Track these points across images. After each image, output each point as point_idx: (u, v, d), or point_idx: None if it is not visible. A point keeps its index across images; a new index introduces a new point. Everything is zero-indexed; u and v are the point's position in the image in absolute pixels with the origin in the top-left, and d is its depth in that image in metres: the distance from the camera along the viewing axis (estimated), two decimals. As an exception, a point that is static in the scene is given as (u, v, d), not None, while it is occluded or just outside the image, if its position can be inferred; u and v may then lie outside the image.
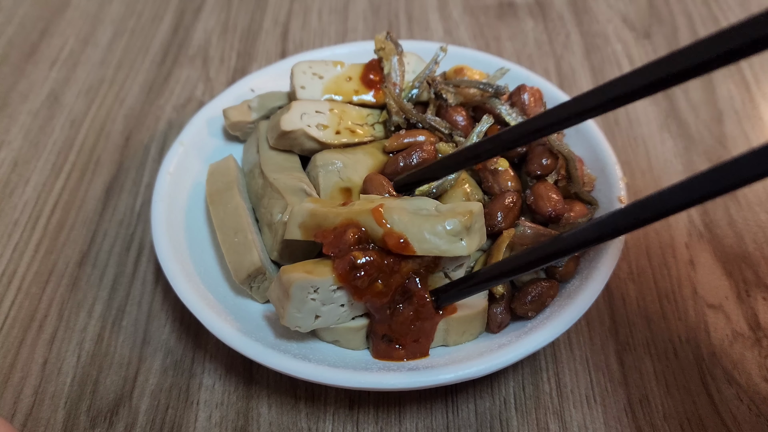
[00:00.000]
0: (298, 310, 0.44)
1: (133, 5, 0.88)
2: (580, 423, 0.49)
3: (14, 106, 0.74)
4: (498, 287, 0.48)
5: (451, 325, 0.48)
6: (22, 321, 0.55)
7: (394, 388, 0.44)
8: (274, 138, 0.56)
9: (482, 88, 0.56)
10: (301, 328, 0.45)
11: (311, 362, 0.45)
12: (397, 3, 0.89)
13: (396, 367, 0.46)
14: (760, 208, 0.63)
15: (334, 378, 0.44)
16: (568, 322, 0.45)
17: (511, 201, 0.51)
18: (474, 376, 0.44)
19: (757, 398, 0.50)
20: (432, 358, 0.47)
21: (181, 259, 0.51)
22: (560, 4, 0.88)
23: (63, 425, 0.49)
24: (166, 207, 0.54)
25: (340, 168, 0.54)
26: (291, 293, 0.43)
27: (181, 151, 0.59)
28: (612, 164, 0.55)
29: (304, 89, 0.59)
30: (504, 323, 0.49)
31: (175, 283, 0.49)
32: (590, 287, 0.47)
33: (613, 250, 0.49)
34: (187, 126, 0.61)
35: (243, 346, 0.45)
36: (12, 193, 0.65)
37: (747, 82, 0.76)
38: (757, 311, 0.55)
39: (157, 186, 0.56)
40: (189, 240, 0.54)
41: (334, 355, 0.47)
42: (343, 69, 0.60)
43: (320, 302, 0.44)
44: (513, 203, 0.51)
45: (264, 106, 0.61)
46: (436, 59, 0.58)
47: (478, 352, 0.46)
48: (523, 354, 0.44)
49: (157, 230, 0.52)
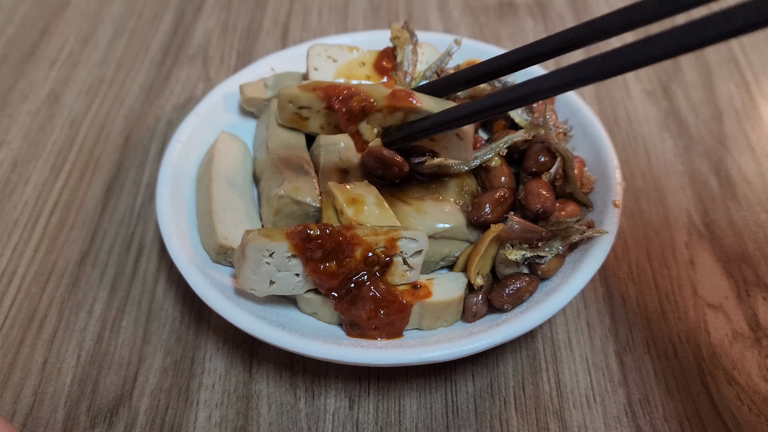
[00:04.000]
0: (253, 271, 0.46)
1: (133, 5, 0.88)
2: (580, 423, 0.49)
3: (14, 106, 0.74)
4: (477, 279, 0.49)
5: (425, 310, 0.49)
6: (21, 321, 0.55)
7: (359, 362, 0.45)
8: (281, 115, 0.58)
9: (490, 83, 0.56)
10: (257, 291, 0.47)
11: (284, 330, 0.46)
12: (397, 3, 0.89)
13: (366, 344, 0.47)
14: (760, 208, 0.63)
15: (303, 347, 0.45)
16: (541, 317, 0.46)
17: (501, 195, 0.52)
18: (440, 359, 0.45)
19: (757, 398, 0.50)
20: (404, 339, 0.48)
21: (178, 223, 0.53)
22: (560, 3, 0.88)
23: (63, 425, 0.49)
24: (173, 173, 0.56)
25: (342, 149, 0.56)
26: (246, 254, 0.45)
27: (196, 121, 0.60)
28: (613, 168, 0.55)
29: (317, 71, 0.60)
30: (480, 314, 0.50)
31: (169, 243, 0.51)
32: (569, 286, 0.48)
33: (599, 251, 0.49)
34: (204, 98, 0.63)
35: (220, 306, 0.47)
36: (12, 193, 0.65)
37: (747, 81, 0.76)
38: (757, 311, 0.55)
39: (167, 153, 0.57)
40: (191, 208, 0.56)
41: (310, 327, 0.49)
42: (358, 54, 0.61)
43: (275, 267, 0.46)
44: (503, 197, 0.51)
45: (279, 84, 0.62)
46: (450, 51, 0.59)
47: (447, 338, 0.47)
48: (490, 344, 0.45)
49: (161, 193, 0.54)
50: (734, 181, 0.66)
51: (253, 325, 0.46)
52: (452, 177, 0.54)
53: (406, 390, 0.51)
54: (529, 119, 0.55)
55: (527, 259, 0.49)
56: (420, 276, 0.50)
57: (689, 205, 0.64)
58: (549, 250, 0.49)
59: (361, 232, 0.46)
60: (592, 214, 0.53)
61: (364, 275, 0.47)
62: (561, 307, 0.47)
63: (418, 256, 0.49)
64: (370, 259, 0.47)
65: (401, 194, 0.53)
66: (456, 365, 0.52)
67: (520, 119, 0.56)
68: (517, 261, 0.49)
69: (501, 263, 0.51)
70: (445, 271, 0.54)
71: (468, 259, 0.51)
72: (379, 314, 0.47)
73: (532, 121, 0.55)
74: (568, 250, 0.52)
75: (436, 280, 0.50)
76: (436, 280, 0.50)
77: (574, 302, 0.56)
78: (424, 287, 0.49)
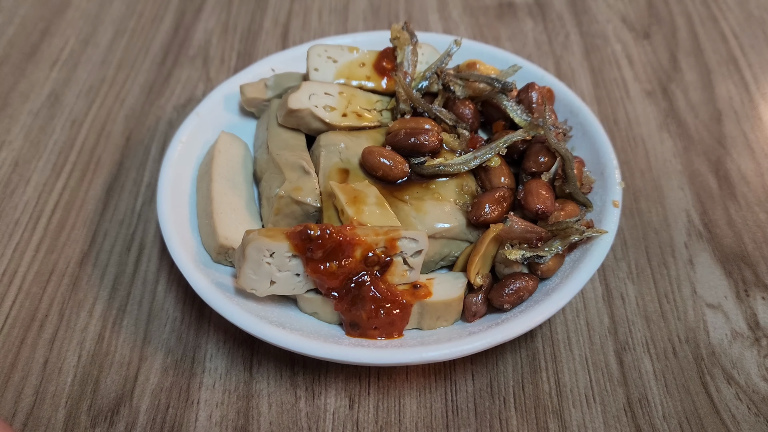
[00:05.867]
0: (253, 271, 0.46)
1: (133, 5, 0.88)
2: (580, 422, 0.49)
3: (15, 106, 0.74)
4: (477, 279, 0.49)
5: (425, 309, 0.49)
6: (22, 321, 0.55)
7: (359, 362, 0.45)
8: (282, 115, 0.58)
9: (489, 83, 0.56)
10: (257, 291, 0.47)
11: (284, 329, 0.46)
12: (397, 3, 0.89)
13: (366, 343, 0.47)
14: (760, 208, 0.63)
15: (303, 347, 0.45)
16: (541, 317, 0.46)
17: (500, 195, 0.52)
18: (440, 359, 0.45)
19: (756, 398, 0.50)
20: (404, 339, 0.49)
21: (179, 223, 0.53)
22: (560, 4, 0.88)
23: (64, 424, 0.49)
24: (173, 174, 0.56)
25: (342, 149, 0.56)
26: (247, 253, 0.45)
27: (196, 121, 0.61)
28: (612, 168, 0.55)
29: (317, 71, 0.60)
30: (479, 313, 0.50)
31: (170, 243, 0.51)
32: (568, 286, 0.48)
33: (598, 251, 0.50)
34: (204, 99, 0.63)
35: (221, 306, 0.47)
36: (13, 193, 0.65)
37: (746, 82, 0.76)
38: (756, 311, 0.55)
39: (168, 153, 0.58)
40: (191, 208, 0.56)
41: (311, 327, 0.49)
42: (358, 55, 0.61)
43: (276, 267, 0.46)
44: (502, 198, 0.52)
45: (279, 85, 0.62)
46: (449, 52, 0.59)
47: (447, 338, 0.47)
48: (490, 343, 0.45)
49: (162, 193, 0.54)
50: (733, 181, 0.66)
51: (254, 324, 0.46)
52: (452, 177, 0.54)
53: (406, 389, 0.51)
54: (529, 119, 0.55)
55: (527, 258, 0.49)
56: (420, 276, 0.50)
57: (688, 205, 0.64)
58: (548, 250, 0.49)
59: (362, 232, 0.47)
60: (591, 214, 0.54)
61: (365, 275, 0.47)
62: (560, 306, 0.47)
63: (418, 256, 0.49)
64: (370, 259, 0.47)
65: (401, 194, 0.53)
66: (456, 365, 0.52)
67: (519, 119, 0.56)
68: (516, 261, 0.49)
69: (501, 263, 0.51)
70: (445, 271, 0.54)
71: (468, 259, 0.51)
72: (379, 314, 0.47)
73: (531, 121, 0.55)
74: (567, 249, 0.52)
75: (436, 279, 0.50)
76: (436, 279, 0.50)
77: (574, 302, 0.56)
78: (424, 287, 0.49)
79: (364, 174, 0.55)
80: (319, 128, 0.58)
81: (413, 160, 0.54)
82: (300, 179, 0.53)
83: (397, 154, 0.54)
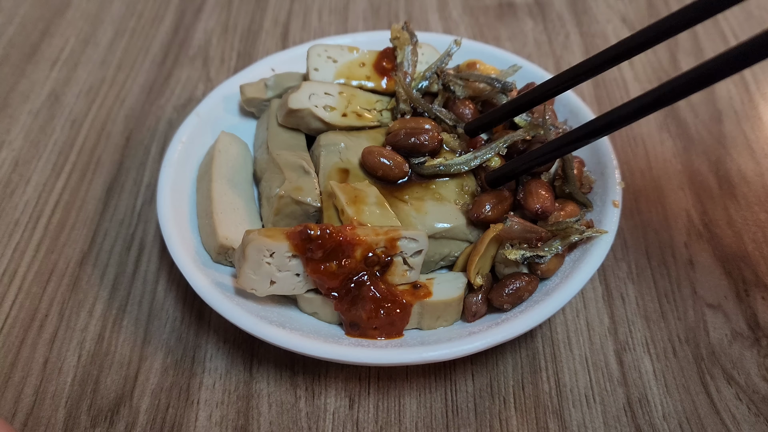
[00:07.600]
0: (253, 271, 0.46)
1: (133, 5, 0.88)
2: (580, 422, 0.49)
3: (15, 106, 0.74)
4: (477, 279, 0.49)
5: (425, 309, 0.49)
6: (22, 320, 0.55)
7: (359, 362, 0.45)
8: (282, 115, 0.58)
9: (489, 83, 0.56)
10: (257, 291, 0.47)
11: (284, 329, 0.46)
12: (397, 3, 0.89)
13: (366, 343, 0.47)
14: (760, 208, 0.63)
15: (303, 346, 0.45)
16: (540, 317, 0.46)
17: (501, 195, 0.52)
18: (440, 359, 0.45)
19: (756, 398, 0.50)
20: (404, 339, 0.49)
21: (179, 223, 0.53)
22: (560, 4, 0.88)
23: (64, 424, 0.49)
24: (173, 174, 0.56)
25: (342, 149, 0.56)
26: (247, 254, 0.45)
27: (196, 121, 0.61)
28: (612, 168, 0.55)
29: (318, 71, 0.60)
30: (480, 313, 0.50)
31: (170, 243, 0.51)
32: (568, 286, 0.48)
33: (598, 251, 0.50)
34: (204, 99, 0.63)
35: (221, 306, 0.47)
36: (13, 193, 0.65)
37: (746, 82, 0.76)
38: (756, 311, 0.55)
39: (168, 153, 0.58)
40: (191, 208, 0.56)
41: (311, 327, 0.49)
42: (358, 55, 0.62)
43: (276, 267, 0.46)
44: (503, 197, 0.52)
45: (279, 85, 0.62)
46: (449, 52, 0.59)
47: (447, 337, 0.47)
48: (490, 343, 0.45)
49: (162, 193, 0.54)
50: (733, 181, 0.66)
51: (254, 324, 0.46)
52: (452, 177, 0.54)
53: (406, 389, 0.51)
54: (529, 119, 0.55)
55: (527, 258, 0.49)
56: (420, 276, 0.51)
57: (688, 205, 0.64)
58: (548, 250, 0.49)
59: (362, 232, 0.47)
60: (591, 214, 0.54)
61: (365, 275, 0.47)
62: (560, 306, 0.47)
63: (418, 255, 0.49)
64: (370, 259, 0.47)
65: (401, 194, 0.53)
66: (456, 365, 0.52)
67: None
68: (516, 261, 0.49)
69: (500, 263, 0.51)
70: (445, 270, 0.54)
71: (468, 258, 0.51)
72: (380, 314, 0.47)
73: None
74: (567, 249, 0.52)
75: (436, 279, 0.50)
76: (436, 279, 0.50)
77: (574, 302, 0.56)
78: (424, 287, 0.49)
79: (364, 174, 0.55)
80: (319, 128, 0.58)
81: (413, 160, 0.54)
82: (300, 179, 0.53)
83: (397, 154, 0.54)
